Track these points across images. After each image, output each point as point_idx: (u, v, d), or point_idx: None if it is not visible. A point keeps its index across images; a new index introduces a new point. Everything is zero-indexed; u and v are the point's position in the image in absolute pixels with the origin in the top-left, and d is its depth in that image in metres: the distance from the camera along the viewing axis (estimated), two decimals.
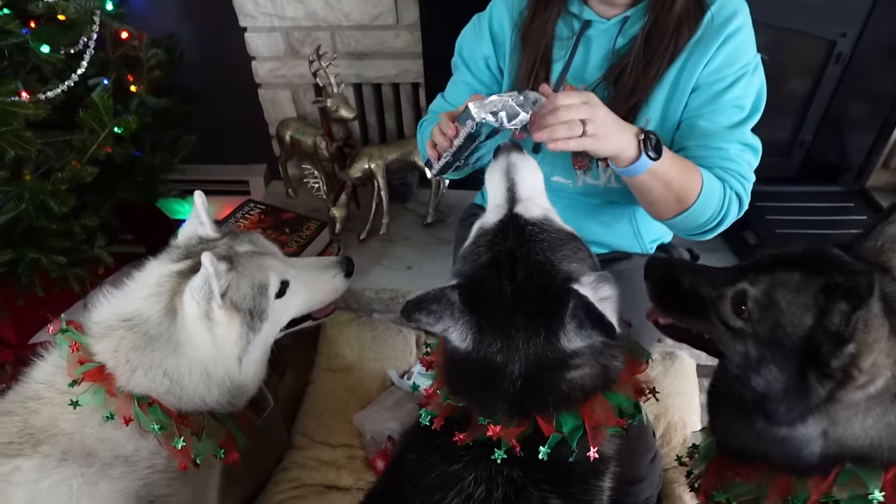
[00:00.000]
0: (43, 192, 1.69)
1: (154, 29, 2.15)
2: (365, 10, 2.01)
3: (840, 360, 0.77)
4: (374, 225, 2.15)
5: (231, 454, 1.20)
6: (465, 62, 1.45)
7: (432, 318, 0.88)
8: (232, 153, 2.65)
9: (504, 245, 0.92)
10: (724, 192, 1.19)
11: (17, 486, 1.00)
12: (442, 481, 0.88)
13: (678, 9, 1.18)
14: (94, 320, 1.14)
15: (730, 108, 1.22)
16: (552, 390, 0.89)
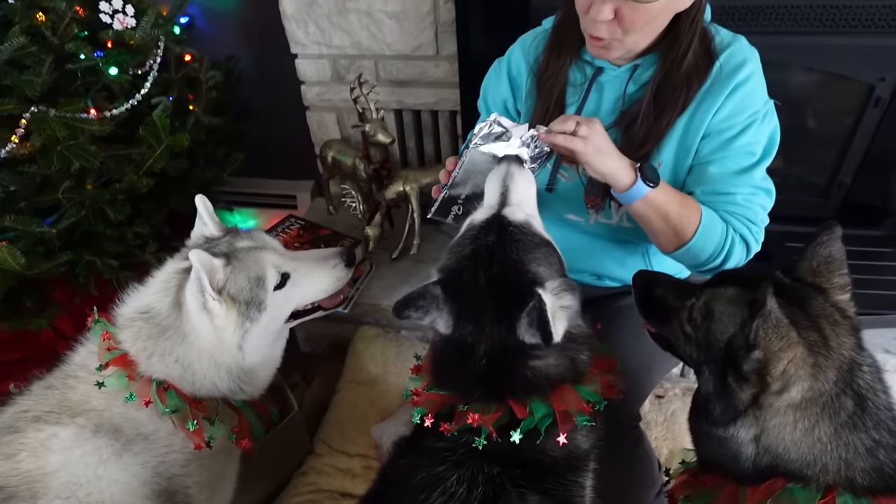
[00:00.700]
0: (102, 200, 1.85)
1: (215, 51, 2.31)
2: (407, 41, 2.11)
3: (749, 365, 0.86)
4: (406, 245, 2.24)
5: (243, 440, 1.29)
6: (488, 105, 1.52)
7: (420, 312, 0.97)
8: (282, 169, 2.80)
9: (486, 240, 1.00)
10: (727, 231, 1.22)
11: (53, 451, 1.11)
12: (427, 482, 0.93)
13: (688, 63, 1.21)
14: (119, 313, 1.26)
15: (740, 154, 1.24)
16: (516, 375, 0.95)
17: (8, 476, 1.08)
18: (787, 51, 1.78)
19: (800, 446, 0.88)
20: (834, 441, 0.88)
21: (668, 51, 1.22)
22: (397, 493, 0.98)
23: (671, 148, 1.28)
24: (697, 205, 1.21)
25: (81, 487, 1.10)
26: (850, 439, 0.88)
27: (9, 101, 1.63)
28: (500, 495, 0.92)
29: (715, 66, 1.22)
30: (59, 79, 1.81)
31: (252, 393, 1.36)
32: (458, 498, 0.91)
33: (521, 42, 1.46)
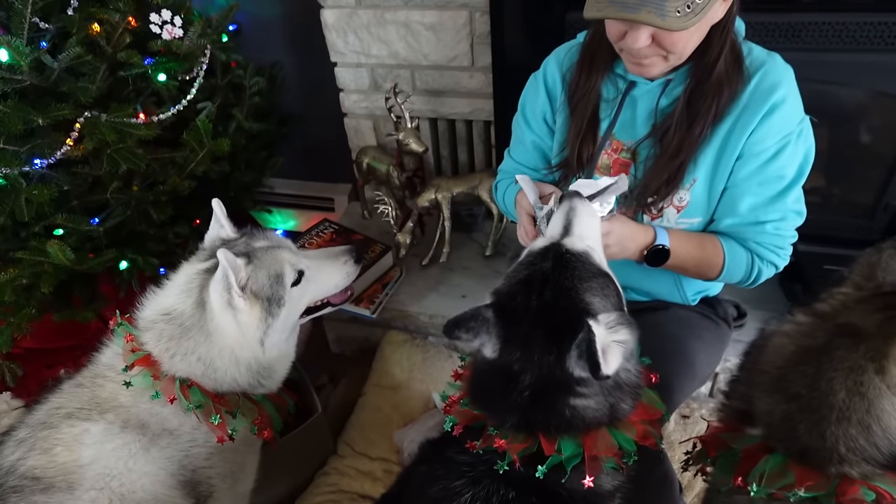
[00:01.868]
0: (146, 201, 1.94)
1: (259, 58, 2.38)
2: (443, 52, 2.13)
3: None
4: (436, 253, 2.26)
5: (264, 431, 1.35)
6: (527, 120, 1.52)
7: (470, 334, 0.97)
8: (321, 172, 2.88)
9: (541, 266, 1.00)
10: (752, 263, 1.33)
11: (86, 445, 1.18)
12: (443, 494, 0.96)
13: (718, 71, 1.20)
14: (140, 316, 1.32)
15: (773, 179, 1.26)
16: (555, 410, 0.95)
17: (45, 468, 1.16)
18: (832, 68, 1.73)
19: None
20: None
21: (700, 59, 1.22)
22: (413, 499, 1.01)
23: (707, 165, 1.29)
24: (719, 249, 1.31)
25: (114, 479, 1.18)
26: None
27: (65, 107, 1.73)
28: None
29: (750, 84, 1.22)
30: (112, 85, 1.90)
31: (270, 387, 1.41)
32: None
33: (555, 54, 1.46)
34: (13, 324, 1.91)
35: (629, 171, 1.38)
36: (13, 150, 1.71)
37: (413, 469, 1.10)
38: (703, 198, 1.32)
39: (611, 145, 1.38)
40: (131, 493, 1.19)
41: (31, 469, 1.16)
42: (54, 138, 1.76)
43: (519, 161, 1.58)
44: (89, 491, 1.16)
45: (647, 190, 1.31)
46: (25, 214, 1.76)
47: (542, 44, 1.60)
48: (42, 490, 1.14)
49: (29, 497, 1.13)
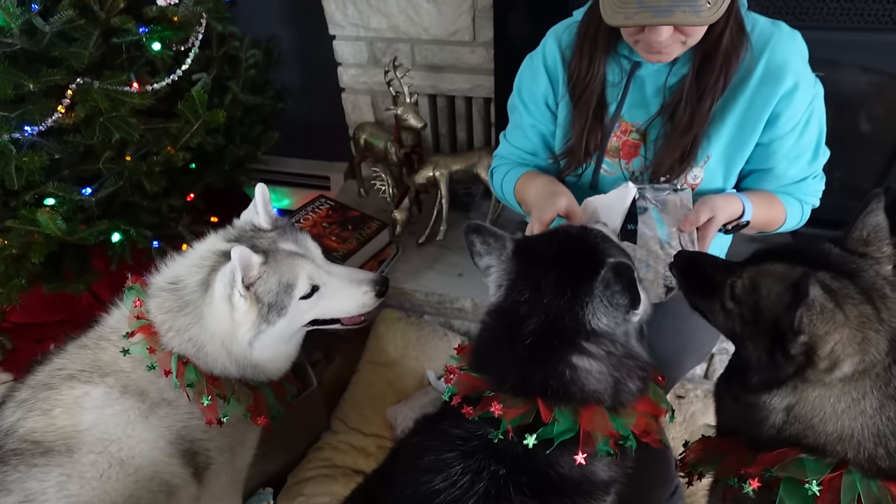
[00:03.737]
0: (140, 172, 1.91)
1: (255, 30, 2.34)
2: (444, 26, 2.10)
3: (796, 349, 0.86)
4: (433, 231, 2.24)
5: (258, 417, 1.32)
6: (525, 103, 1.47)
7: (484, 247, 1.00)
8: (317, 149, 2.84)
9: (569, 228, 1.04)
10: (802, 209, 1.42)
11: (86, 409, 1.18)
12: (433, 465, 0.94)
13: (724, 44, 1.20)
14: (153, 281, 1.31)
15: (808, 146, 1.34)
16: (555, 369, 0.92)
17: (45, 432, 1.15)
18: (838, 47, 1.71)
19: (840, 417, 0.88)
20: (878, 414, 0.87)
21: (707, 34, 1.19)
22: (404, 470, 0.99)
23: (722, 142, 1.29)
24: (781, 206, 1.37)
25: (113, 443, 1.17)
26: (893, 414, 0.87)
27: (57, 73, 1.68)
28: (502, 497, 0.91)
29: (760, 62, 1.22)
30: (105, 52, 1.86)
31: (265, 379, 1.39)
32: (460, 487, 0.91)
33: (553, 33, 1.42)
34: (2, 294, 1.88)
35: (639, 153, 1.36)
36: (3, 115, 1.68)
37: (406, 441, 1.08)
38: (717, 174, 1.33)
39: (619, 127, 1.37)
40: (130, 458, 1.19)
41: (30, 431, 1.16)
42: (45, 105, 1.72)
43: (517, 146, 1.52)
44: (88, 455, 1.16)
45: (661, 168, 1.31)
46: (15, 182, 1.72)
47: (545, 19, 1.57)
48: (42, 453, 1.14)
49: (29, 460, 1.12)
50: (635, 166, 1.38)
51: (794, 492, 0.87)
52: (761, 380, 0.93)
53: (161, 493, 1.25)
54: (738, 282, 0.96)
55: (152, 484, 1.23)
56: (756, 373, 0.94)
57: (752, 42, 1.21)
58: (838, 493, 0.86)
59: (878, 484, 0.86)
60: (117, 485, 1.18)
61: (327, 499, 1.74)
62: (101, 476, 1.17)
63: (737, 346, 1.01)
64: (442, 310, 2.13)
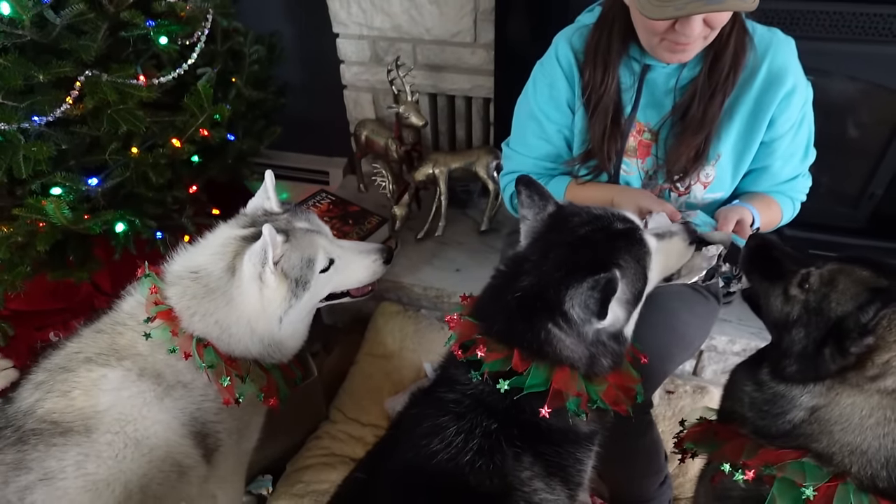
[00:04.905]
0: (145, 164, 1.94)
1: (259, 26, 2.37)
2: (445, 26, 2.15)
3: (858, 347, 0.88)
4: (432, 227, 2.29)
5: (270, 398, 1.38)
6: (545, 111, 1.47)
7: (528, 200, 1.11)
8: (317, 144, 2.87)
9: (614, 222, 1.07)
10: (794, 206, 1.52)
11: (104, 391, 1.22)
12: (430, 430, 1.01)
13: (733, 43, 1.27)
14: (169, 269, 1.35)
15: (800, 146, 1.44)
16: (534, 328, 1.00)
17: (64, 412, 1.19)
18: (825, 57, 1.78)
19: (865, 431, 0.90)
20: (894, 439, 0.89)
21: (718, 35, 1.25)
22: (405, 438, 1.05)
23: (731, 142, 1.37)
24: (778, 206, 1.46)
25: (129, 424, 1.22)
26: None
27: (66, 64, 1.71)
28: (496, 450, 0.99)
29: (762, 67, 1.30)
30: (111, 45, 1.89)
31: (280, 359, 1.44)
32: (455, 446, 0.98)
33: (563, 37, 1.45)
34: (7, 281, 1.90)
35: (651, 152, 1.43)
36: (12, 105, 1.70)
37: (405, 413, 1.15)
38: (728, 173, 1.40)
39: (635, 127, 1.42)
40: (145, 438, 1.23)
41: (49, 412, 1.19)
42: (54, 96, 1.75)
43: (537, 156, 1.53)
44: (105, 434, 1.20)
45: (675, 167, 1.37)
46: (23, 171, 1.74)
47: (545, 23, 1.63)
48: (61, 433, 1.17)
49: (48, 440, 1.16)
50: (648, 165, 1.44)
51: (787, 492, 0.90)
52: (798, 369, 0.95)
53: (173, 473, 1.29)
54: (814, 272, 0.98)
55: (165, 464, 1.27)
56: (796, 362, 0.96)
57: (756, 44, 1.29)
58: (830, 501, 0.89)
59: (869, 498, 0.88)
60: (132, 464, 1.23)
61: (326, 486, 1.79)
62: (117, 455, 1.21)
63: (780, 333, 1.01)
64: (439, 304, 2.18)
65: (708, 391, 1.97)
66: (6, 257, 1.88)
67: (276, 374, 1.45)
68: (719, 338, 1.91)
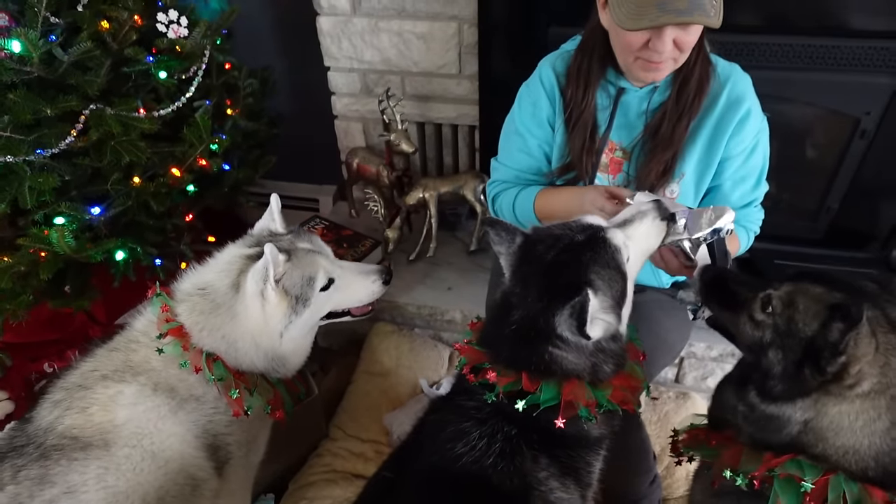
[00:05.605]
0: (147, 192, 2.01)
1: (251, 61, 2.48)
2: (432, 60, 2.28)
3: (833, 367, 0.96)
4: (423, 248, 2.39)
5: (277, 411, 1.44)
6: (528, 127, 1.60)
7: (498, 237, 1.18)
8: (307, 173, 2.96)
9: (575, 235, 1.13)
10: (748, 235, 1.60)
11: (121, 406, 1.26)
12: (454, 435, 1.08)
13: (698, 71, 1.41)
14: (179, 288, 1.41)
15: (752, 171, 1.52)
16: (537, 352, 1.08)
17: (83, 428, 1.23)
18: (782, 85, 1.95)
19: (855, 433, 0.97)
20: (886, 434, 0.96)
21: (685, 63, 1.39)
22: (429, 442, 1.13)
23: (694, 162, 1.49)
24: (735, 238, 1.53)
25: (146, 437, 1.26)
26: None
27: (72, 99, 1.79)
28: (516, 453, 1.06)
29: (723, 95, 1.43)
30: (112, 80, 1.97)
31: (285, 374, 1.50)
32: (479, 450, 1.06)
33: (547, 62, 1.59)
34: (9, 310, 1.94)
35: (622, 168, 1.55)
36: (19, 138, 1.77)
37: (426, 418, 1.22)
38: (691, 190, 1.52)
39: (608, 145, 1.55)
40: (161, 451, 1.27)
41: (69, 428, 1.23)
42: (60, 129, 1.82)
43: (520, 168, 1.66)
44: (123, 448, 1.24)
45: (644, 182, 1.49)
46: (28, 202, 1.80)
47: (526, 55, 1.76)
48: (81, 448, 1.21)
49: (70, 454, 1.20)
50: (619, 181, 1.57)
51: (788, 488, 0.99)
52: (785, 389, 1.01)
53: (187, 486, 1.33)
54: (774, 294, 1.04)
55: (179, 477, 1.32)
56: (780, 382, 1.02)
57: (718, 73, 1.43)
58: (825, 490, 0.96)
59: (859, 486, 0.96)
60: (149, 477, 1.27)
61: (328, 501, 1.84)
62: (135, 468, 1.25)
63: (757, 355, 1.06)
64: (432, 322, 2.26)
65: (690, 396, 2.08)
66: (8, 287, 1.92)
67: (281, 388, 1.51)
68: (698, 344, 2.03)
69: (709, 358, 2.07)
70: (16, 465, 1.19)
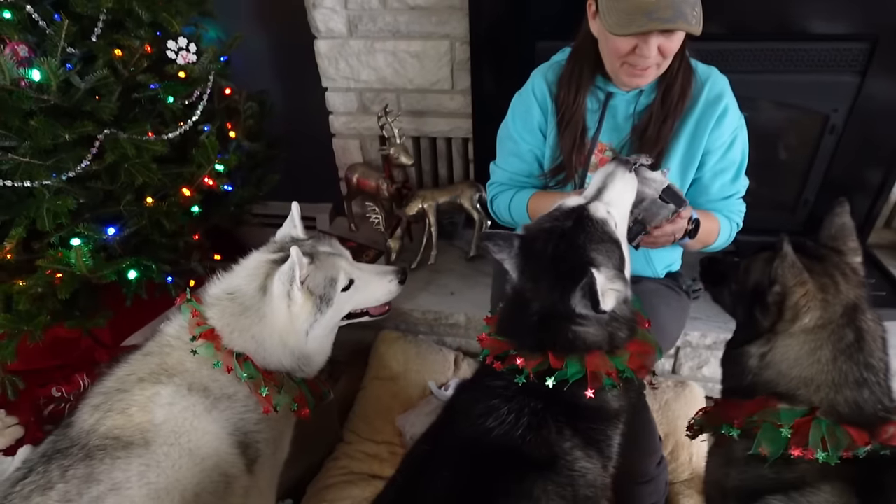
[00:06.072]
0: (159, 212, 2.09)
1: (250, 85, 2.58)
2: (426, 76, 2.41)
3: (771, 297, 1.14)
4: (424, 256, 2.48)
5: (303, 409, 1.51)
6: (521, 133, 1.72)
7: (496, 248, 1.24)
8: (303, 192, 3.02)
9: (564, 223, 1.22)
10: (731, 226, 1.69)
11: (159, 406, 1.33)
12: (485, 411, 1.17)
13: (681, 76, 1.54)
14: (208, 293, 1.49)
15: (731, 165, 1.62)
16: (560, 333, 1.18)
17: (124, 428, 1.30)
18: (756, 87, 2.10)
19: (802, 363, 1.14)
20: (831, 364, 1.12)
21: (666, 70, 1.52)
22: (462, 418, 1.21)
23: (678, 157, 1.61)
24: (716, 219, 1.63)
25: (182, 435, 1.33)
26: (844, 367, 1.12)
27: (88, 124, 1.87)
28: (542, 426, 1.15)
29: (703, 94, 1.56)
30: (121, 106, 2.06)
31: (309, 373, 1.58)
32: (508, 423, 1.14)
33: (539, 72, 1.71)
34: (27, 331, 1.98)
35: None
36: (38, 163, 1.84)
37: (457, 397, 1.31)
38: (676, 182, 1.61)
39: (598, 147, 1.67)
40: (197, 448, 1.34)
41: (111, 429, 1.29)
42: (77, 153, 1.90)
43: (515, 171, 1.78)
44: (163, 446, 1.30)
45: None
46: (47, 224, 1.87)
47: (515, 68, 1.88)
48: (123, 447, 1.27)
49: (112, 453, 1.26)
50: None
51: (770, 434, 1.11)
52: (745, 335, 1.22)
53: (221, 482, 1.40)
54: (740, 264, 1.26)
55: (214, 474, 1.38)
56: (742, 330, 1.24)
57: (698, 75, 1.56)
58: (807, 435, 1.08)
59: (841, 429, 1.07)
60: (187, 473, 1.33)
61: (349, 501, 1.90)
62: (174, 465, 1.31)
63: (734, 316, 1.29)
64: (437, 327, 2.35)
65: (687, 385, 2.18)
66: (25, 309, 1.98)
67: (304, 387, 1.59)
68: (693, 333, 2.14)
69: (703, 346, 2.18)
70: (63, 465, 1.25)
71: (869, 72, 2.02)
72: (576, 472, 1.16)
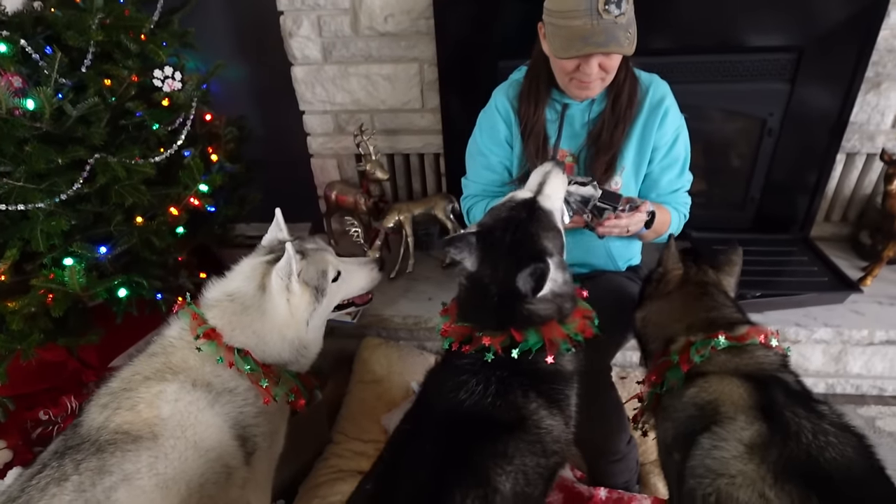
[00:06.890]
0: (149, 231, 2.19)
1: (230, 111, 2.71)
2: (397, 97, 2.57)
3: (656, 274, 1.62)
4: (402, 266, 2.62)
5: (299, 400, 1.62)
6: (489, 147, 1.88)
7: (457, 249, 1.36)
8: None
9: (519, 214, 1.38)
10: (680, 218, 1.88)
11: (165, 401, 1.42)
12: (455, 386, 1.29)
13: (626, 88, 1.72)
14: (205, 297, 1.60)
15: (675, 160, 1.80)
16: (517, 311, 1.33)
17: (133, 423, 1.39)
18: (701, 96, 2.31)
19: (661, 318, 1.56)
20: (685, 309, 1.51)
21: (614, 81, 1.70)
22: (434, 393, 1.34)
23: (630, 156, 1.79)
24: (669, 214, 1.81)
25: (188, 429, 1.42)
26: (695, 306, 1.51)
27: (80, 149, 1.98)
28: (509, 391, 1.29)
29: (647, 98, 1.74)
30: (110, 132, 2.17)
31: (304, 365, 1.69)
32: (477, 393, 1.27)
33: (501, 90, 1.89)
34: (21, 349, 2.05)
35: (573, 171, 1.83)
36: (32, 187, 1.93)
37: (429, 378, 1.44)
38: (631, 180, 1.82)
39: (559, 153, 1.84)
40: (202, 440, 1.43)
41: (120, 425, 1.38)
42: (70, 176, 1.99)
43: (486, 183, 1.94)
44: (170, 439, 1.39)
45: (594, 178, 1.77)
46: (41, 245, 1.96)
47: (480, 86, 2.05)
48: (132, 441, 1.36)
49: (123, 447, 1.35)
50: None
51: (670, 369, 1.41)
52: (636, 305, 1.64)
53: (223, 473, 1.49)
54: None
55: (217, 465, 1.47)
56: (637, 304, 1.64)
57: (643, 82, 1.74)
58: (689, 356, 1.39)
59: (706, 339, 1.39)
60: (193, 464, 1.42)
61: (339, 497, 1.98)
62: (180, 457, 1.40)
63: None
64: (416, 331, 2.47)
65: None
66: (18, 328, 2.04)
67: (298, 382, 1.70)
68: None
69: None
70: (76, 459, 1.33)
71: (798, 79, 2.24)
72: (543, 429, 1.29)
